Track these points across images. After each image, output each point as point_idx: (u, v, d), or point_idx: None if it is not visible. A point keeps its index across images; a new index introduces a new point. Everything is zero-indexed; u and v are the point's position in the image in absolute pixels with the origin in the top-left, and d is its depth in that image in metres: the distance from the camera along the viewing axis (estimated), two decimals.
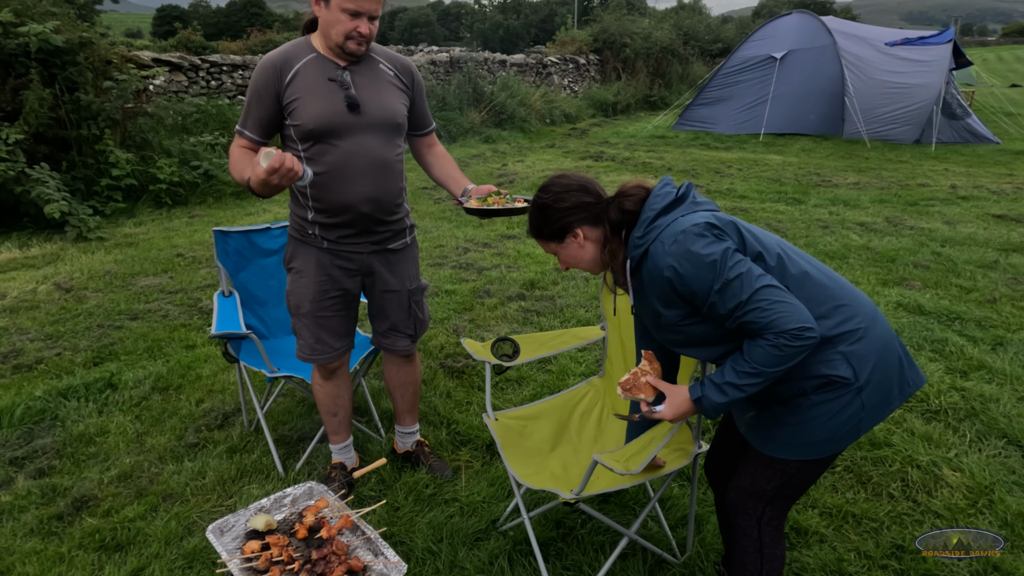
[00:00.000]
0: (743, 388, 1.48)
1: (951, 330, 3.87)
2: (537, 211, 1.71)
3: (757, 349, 1.45)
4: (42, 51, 5.97)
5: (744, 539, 1.73)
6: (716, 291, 1.45)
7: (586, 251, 1.69)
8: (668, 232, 1.51)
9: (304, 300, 2.32)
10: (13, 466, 2.73)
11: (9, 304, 4.41)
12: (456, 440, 2.90)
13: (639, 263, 1.59)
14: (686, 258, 1.47)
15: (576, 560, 2.20)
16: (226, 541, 1.77)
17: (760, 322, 1.43)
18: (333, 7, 2.04)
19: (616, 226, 1.63)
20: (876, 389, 1.54)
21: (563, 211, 1.65)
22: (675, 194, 1.59)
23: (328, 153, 2.16)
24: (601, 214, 1.65)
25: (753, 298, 1.43)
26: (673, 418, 1.63)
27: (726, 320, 1.49)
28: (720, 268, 1.44)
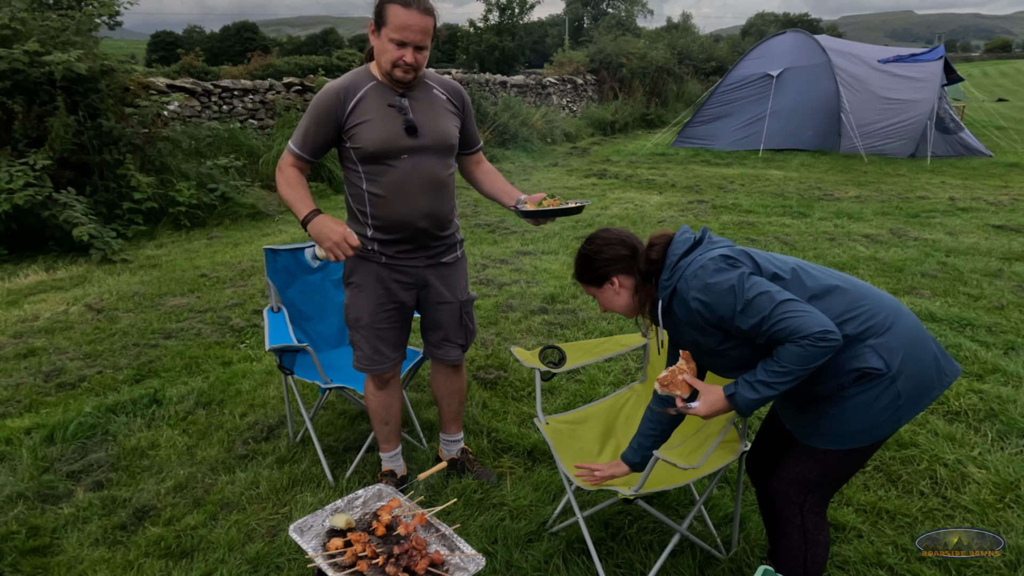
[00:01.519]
0: (773, 386, 1.61)
1: (963, 336, 4.01)
2: (581, 260, 1.93)
3: (787, 352, 1.58)
4: (65, 79, 6.12)
5: (788, 526, 1.84)
6: (740, 312, 1.61)
7: (621, 297, 1.89)
8: (690, 270, 1.72)
9: (364, 313, 2.44)
10: (71, 479, 2.82)
11: (43, 325, 4.51)
12: (497, 448, 3.01)
13: (669, 302, 1.78)
14: (708, 289, 1.66)
15: (627, 558, 2.30)
16: (307, 539, 1.87)
17: (785, 330, 1.57)
18: (383, 37, 2.18)
19: (646, 275, 1.84)
20: (911, 378, 1.66)
21: (602, 262, 1.87)
22: (693, 239, 1.80)
23: (387, 174, 2.29)
24: (634, 265, 1.85)
25: (775, 312, 1.58)
26: (707, 414, 1.74)
27: (756, 337, 1.63)
28: (739, 291, 1.62)
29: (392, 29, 2.13)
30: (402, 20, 2.11)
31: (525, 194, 2.45)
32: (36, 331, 4.41)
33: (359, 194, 2.35)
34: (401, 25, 2.12)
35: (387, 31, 2.15)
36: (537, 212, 2.28)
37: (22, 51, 5.90)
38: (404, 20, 2.11)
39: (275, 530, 2.49)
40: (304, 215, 2.21)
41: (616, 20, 42.60)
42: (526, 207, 2.31)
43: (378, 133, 2.24)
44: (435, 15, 2.18)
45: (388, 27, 2.14)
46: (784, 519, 1.84)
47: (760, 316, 1.59)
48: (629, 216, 7.50)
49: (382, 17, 2.15)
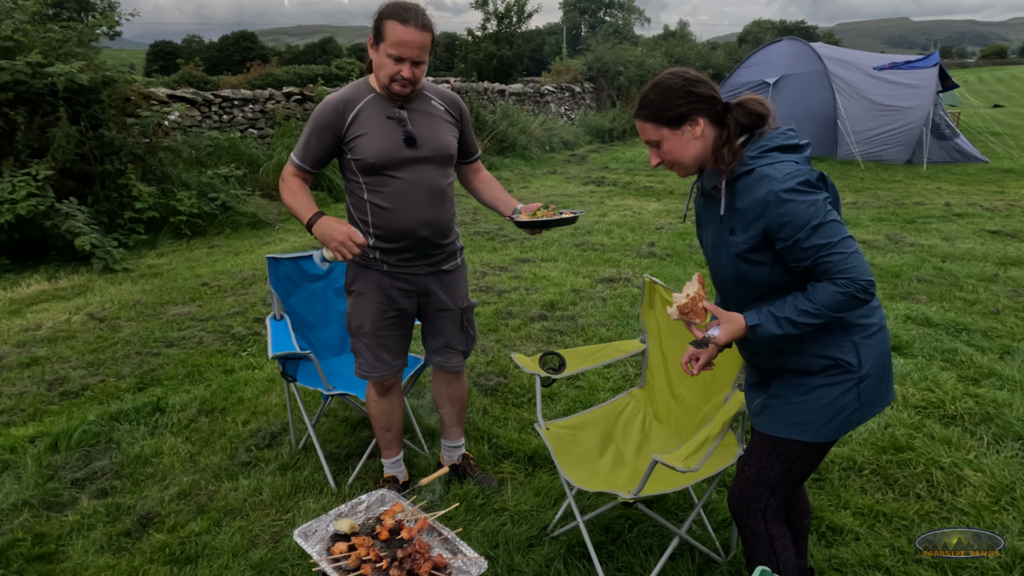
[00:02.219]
0: (799, 326, 1.57)
1: (959, 340, 4.05)
2: (666, 91, 1.65)
3: (824, 292, 1.54)
4: (68, 90, 6.17)
5: (753, 537, 1.80)
6: (813, 226, 1.52)
7: (696, 145, 1.66)
8: (783, 167, 1.57)
9: (365, 320, 2.47)
10: (75, 487, 2.84)
11: (46, 334, 4.53)
12: (498, 453, 3.03)
13: (737, 178, 1.63)
14: (795, 193, 1.54)
15: (627, 562, 2.33)
16: (312, 544, 1.90)
17: (839, 266, 1.53)
18: (381, 52, 2.22)
19: (743, 129, 1.64)
20: (871, 386, 1.67)
21: (694, 97, 1.63)
22: (797, 142, 1.65)
23: (388, 184, 2.33)
24: (722, 113, 1.65)
25: (840, 244, 1.53)
26: (725, 341, 1.67)
27: (805, 259, 1.55)
28: (820, 209, 1.54)
29: (390, 45, 2.17)
30: (400, 36, 2.15)
31: (522, 203, 2.48)
32: (39, 340, 4.44)
33: (360, 204, 2.38)
34: (398, 41, 2.15)
35: (385, 46, 2.19)
36: (532, 223, 2.32)
37: (25, 62, 5.96)
38: (402, 36, 2.15)
39: (278, 536, 2.51)
40: (308, 218, 2.25)
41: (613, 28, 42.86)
42: (521, 217, 2.35)
43: (377, 145, 2.28)
44: (433, 30, 2.22)
45: (386, 42, 2.18)
46: (749, 530, 1.80)
47: (826, 240, 1.53)
48: (628, 223, 7.55)
49: (380, 32, 2.19)
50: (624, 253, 6.30)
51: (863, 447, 2.95)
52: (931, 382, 3.51)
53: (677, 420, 2.49)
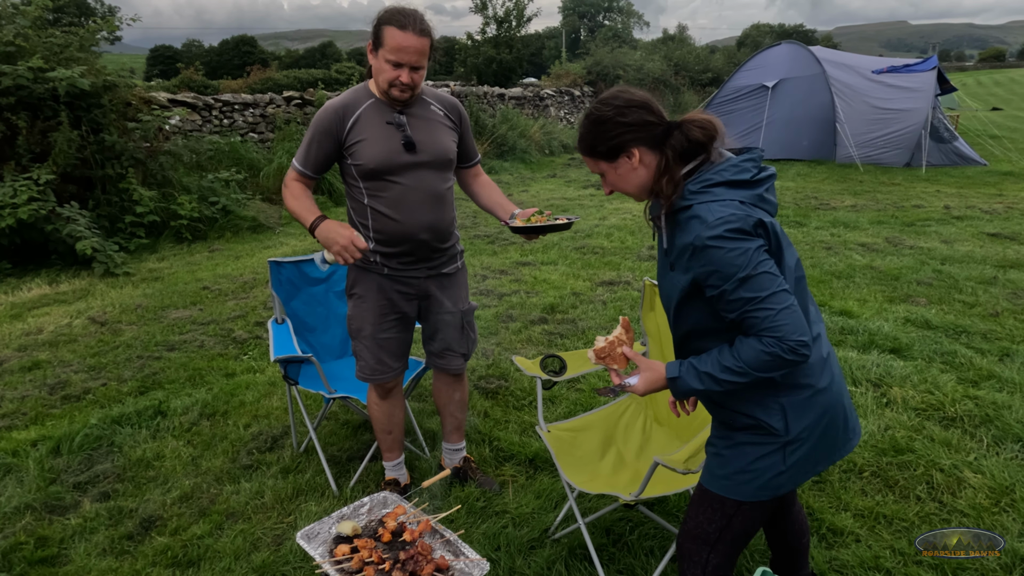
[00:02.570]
0: (720, 383, 1.47)
1: (959, 343, 4.06)
2: (593, 125, 1.57)
3: (749, 349, 1.42)
4: (69, 94, 6.20)
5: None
6: (740, 279, 1.40)
7: (638, 175, 1.56)
8: (716, 208, 1.43)
9: (366, 323, 2.48)
10: (77, 490, 2.85)
11: (47, 338, 4.54)
12: (499, 456, 3.04)
13: (676, 213, 1.51)
14: (722, 241, 1.40)
15: (628, 564, 2.33)
16: (314, 546, 1.90)
17: (765, 323, 1.40)
18: (380, 57, 2.23)
19: (683, 155, 1.51)
20: (803, 451, 1.54)
21: (623, 126, 1.53)
22: (750, 176, 1.48)
23: (388, 189, 2.34)
24: (661, 138, 1.53)
25: (769, 299, 1.40)
26: (644, 392, 1.59)
27: (732, 311, 1.44)
28: (750, 261, 1.40)
29: (388, 50, 2.18)
30: (398, 42, 2.16)
31: (519, 208, 2.49)
32: (40, 344, 4.45)
33: (361, 208, 2.40)
34: (397, 47, 2.17)
35: (384, 52, 2.20)
36: (527, 228, 2.31)
37: (26, 67, 5.98)
38: (400, 42, 2.16)
39: (280, 539, 2.52)
40: (311, 222, 2.26)
41: (612, 32, 42.98)
42: (516, 223, 2.35)
43: (377, 150, 2.29)
44: (431, 35, 2.23)
45: (385, 48, 2.19)
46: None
47: (754, 294, 1.40)
48: (627, 226, 7.57)
49: (379, 38, 2.20)
50: (624, 256, 6.32)
51: (863, 449, 2.96)
52: (931, 384, 3.52)
53: (678, 422, 2.50)
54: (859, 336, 4.18)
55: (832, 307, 4.74)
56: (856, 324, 4.36)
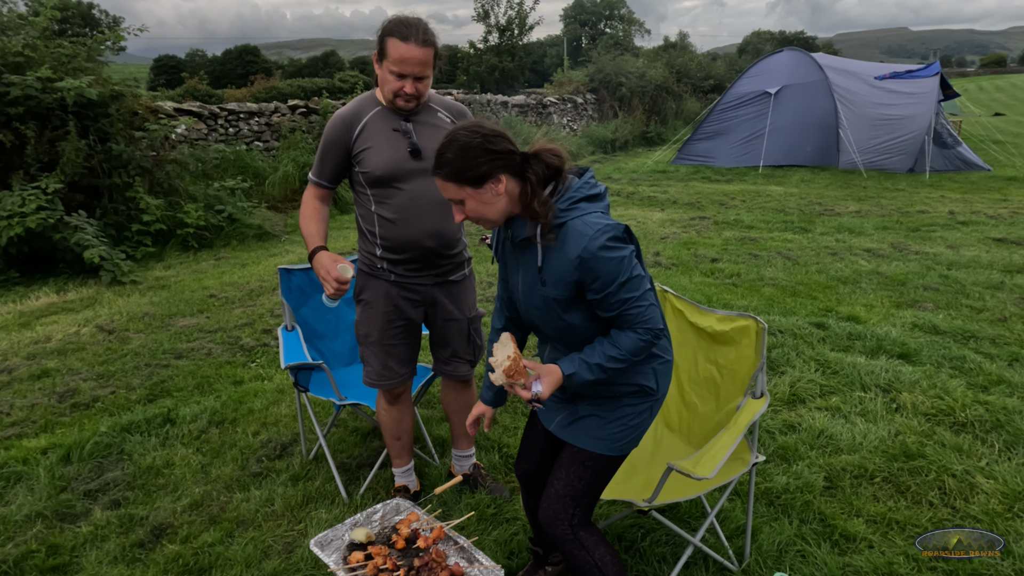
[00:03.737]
0: (607, 371, 1.69)
1: (967, 348, 4.05)
2: (463, 151, 1.61)
3: (628, 340, 1.67)
4: (77, 104, 6.24)
5: (568, 545, 1.83)
6: (621, 282, 1.61)
7: (500, 201, 1.66)
8: (592, 221, 1.62)
9: (373, 329, 2.49)
10: (88, 498, 2.85)
11: (56, 346, 4.56)
12: (508, 463, 3.03)
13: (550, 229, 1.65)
14: (606, 250, 1.59)
15: (641, 571, 2.32)
16: (328, 554, 1.90)
17: (640, 318, 1.66)
18: (384, 68, 2.25)
19: (544, 180, 1.65)
20: (660, 404, 1.89)
21: (492, 154, 1.62)
22: (599, 191, 1.72)
23: (395, 196, 2.36)
24: (521, 167, 1.65)
25: (642, 297, 1.65)
26: (550, 393, 1.69)
27: (612, 311, 1.66)
28: (628, 265, 1.62)
29: (392, 62, 2.20)
30: (401, 53, 2.18)
31: None
32: (49, 352, 4.46)
33: (368, 215, 2.41)
34: (399, 58, 2.18)
35: (387, 63, 2.22)
36: None
37: (35, 77, 6.02)
38: (403, 53, 2.18)
39: (291, 547, 2.52)
40: (309, 252, 2.37)
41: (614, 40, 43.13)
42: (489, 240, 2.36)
43: (384, 157, 2.31)
44: (435, 45, 2.24)
45: (388, 59, 2.21)
46: (561, 540, 1.83)
47: (631, 294, 1.63)
48: (633, 233, 7.56)
49: (383, 49, 2.22)
50: None
51: (874, 455, 2.95)
52: (940, 389, 3.51)
53: (689, 428, 2.50)
54: (867, 341, 4.17)
55: (839, 312, 4.73)
56: (864, 329, 4.35)
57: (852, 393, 3.53)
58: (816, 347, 4.14)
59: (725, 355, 2.35)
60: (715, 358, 2.39)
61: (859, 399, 3.47)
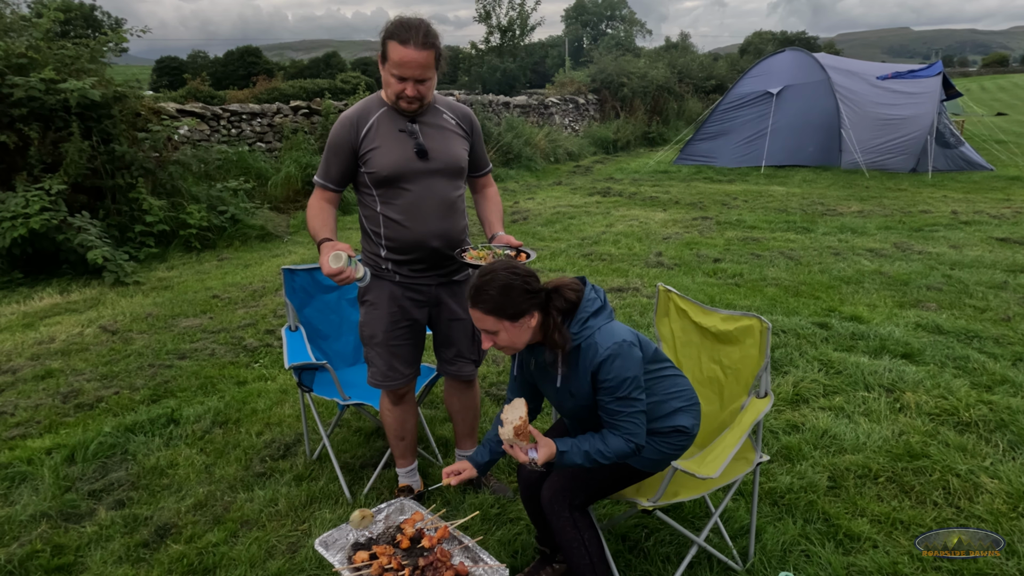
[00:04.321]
0: (593, 461, 1.89)
1: (971, 348, 4.04)
2: (505, 290, 1.82)
3: (615, 442, 1.88)
4: (80, 105, 6.25)
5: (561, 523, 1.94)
6: (618, 397, 1.86)
7: (528, 332, 1.90)
8: (605, 334, 1.87)
9: (378, 330, 2.49)
10: (92, 498, 2.85)
11: (59, 347, 4.56)
12: (512, 463, 3.03)
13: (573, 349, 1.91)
14: (613, 366, 1.85)
15: (645, 570, 2.32)
16: (332, 553, 1.90)
17: (628, 429, 1.88)
18: (386, 71, 2.26)
19: (564, 313, 1.90)
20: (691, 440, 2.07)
21: (528, 294, 1.85)
22: (601, 302, 1.95)
23: (401, 196, 2.36)
24: (545, 302, 1.89)
25: (634, 414, 1.88)
26: (543, 462, 1.87)
27: (606, 414, 1.90)
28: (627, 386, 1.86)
29: (393, 65, 2.21)
30: (400, 56, 2.18)
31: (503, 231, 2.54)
32: (53, 353, 4.47)
33: (373, 216, 2.42)
34: (400, 61, 2.19)
35: (389, 66, 2.23)
36: (473, 265, 2.25)
37: (38, 79, 6.04)
38: (402, 56, 2.18)
39: (295, 547, 2.52)
40: (318, 240, 2.33)
41: (615, 41, 43.15)
42: (465, 258, 2.31)
43: (390, 158, 2.31)
44: (436, 46, 2.22)
45: (389, 63, 2.22)
46: (557, 516, 1.95)
47: (624, 409, 1.87)
48: (634, 233, 7.57)
49: (384, 52, 2.23)
50: (632, 263, 6.32)
51: (878, 454, 2.95)
52: (944, 389, 3.50)
53: None
54: (870, 341, 4.17)
55: (842, 312, 4.73)
56: (867, 329, 4.35)
57: (855, 393, 3.53)
58: (819, 347, 4.13)
59: (729, 355, 2.35)
60: (719, 358, 2.39)
61: (862, 399, 3.46)
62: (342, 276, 2.17)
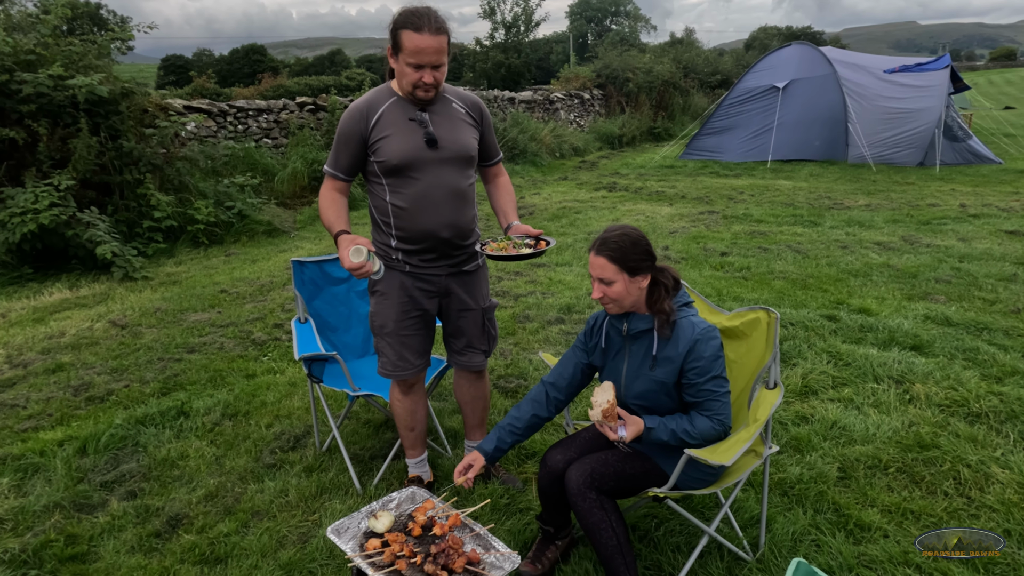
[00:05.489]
0: (678, 440, 1.98)
1: (980, 339, 4.02)
2: (633, 243, 1.98)
3: (703, 424, 1.97)
4: (88, 101, 6.27)
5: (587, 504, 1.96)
6: (711, 376, 1.97)
7: (638, 293, 2.03)
8: (697, 321, 2.03)
9: (388, 320, 2.50)
10: (104, 489, 2.87)
11: (69, 341, 4.59)
12: (521, 454, 3.04)
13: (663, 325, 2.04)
14: (710, 346, 1.98)
15: (656, 560, 2.33)
16: (345, 541, 1.91)
17: (718, 410, 1.99)
18: (400, 61, 2.26)
19: (670, 288, 2.05)
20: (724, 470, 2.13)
21: (648, 255, 2.01)
22: (690, 300, 2.12)
23: (409, 185, 2.36)
24: (658, 273, 2.05)
25: (724, 394, 1.99)
26: (631, 439, 1.97)
27: (697, 396, 1.99)
28: (719, 365, 2.00)
29: (408, 54, 2.20)
30: (416, 44, 2.18)
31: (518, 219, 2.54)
32: (63, 347, 4.50)
33: (383, 206, 2.42)
34: (416, 49, 2.19)
35: (404, 56, 2.22)
36: (494, 256, 2.29)
37: (47, 75, 6.06)
38: (418, 44, 2.18)
39: (306, 537, 2.53)
40: (334, 236, 2.33)
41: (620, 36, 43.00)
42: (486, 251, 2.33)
43: (400, 146, 2.31)
44: (448, 31, 2.25)
45: (404, 52, 2.21)
46: (583, 498, 1.97)
47: (715, 389, 1.98)
48: (641, 227, 7.52)
49: (397, 42, 2.22)
50: None
51: (888, 445, 2.94)
52: (954, 380, 3.49)
53: None
54: (879, 333, 4.15)
55: (850, 305, 4.71)
56: (875, 322, 4.33)
57: (865, 384, 3.52)
58: (828, 339, 4.12)
59: (735, 349, 2.35)
60: (725, 352, 2.38)
61: (872, 390, 3.45)
62: (362, 270, 2.18)
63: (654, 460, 2.08)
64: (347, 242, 2.21)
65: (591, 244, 2.05)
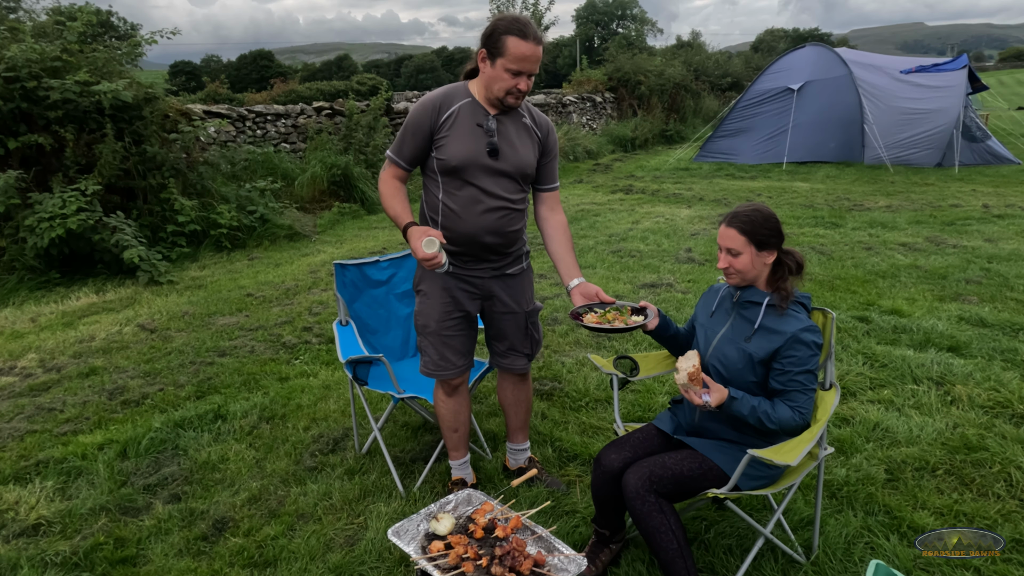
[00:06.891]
0: (756, 419, 1.99)
1: (1018, 340, 3.98)
2: (765, 219, 2.04)
3: (784, 412, 1.99)
4: (112, 107, 6.32)
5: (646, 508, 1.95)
6: (804, 370, 1.99)
7: (762, 269, 2.08)
8: (805, 318, 2.06)
9: (431, 320, 2.50)
10: (148, 492, 2.88)
11: (100, 345, 4.61)
12: (562, 456, 3.03)
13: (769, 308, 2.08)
14: (812, 342, 2.01)
15: (709, 562, 2.31)
16: (406, 542, 1.91)
17: (803, 403, 2.01)
18: (498, 67, 2.24)
19: (793, 270, 2.09)
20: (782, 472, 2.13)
21: (779, 233, 2.07)
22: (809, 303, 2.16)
23: (463, 188, 2.36)
24: (783, 256, 2.10)
25: (811, 389, 2.02)
26: (715, 406, 1.98)
27: (785, 385, 2.00)
28: (814, 362, 2.02)
29: (511, 60, 2.20)
30: (521, 51, 2.19)
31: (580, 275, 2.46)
32: (94, 351, 4.52)
33: (434, 202, 2.41)
34: (520, 56, 2.19)
35: (504, 61, 2.21)
36: (599, 329, 2.19)
37: (73, 81, 6.11)
38: (523, 51, 2.19)
39: (353, 539, 2.52)
40: (401, 228, 2.33)
41: (627, 40, 42.98)
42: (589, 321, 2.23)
43: (462, 148, 2.31)
44: (543, 41, 2.28)
45: (506, 57, 2.20)
46: (642, 502, 1.96)
47: (805, 383, 2.00)
48: (662, 230, 7.54)
49: (499, 48, 2.21)
50: (662, 259, 6.29)
51: (934, 447, 2.91)
52: (995, 382, 3.45)
53: None
54: (914, 335, 4.12)
55: (881, 306, 4.68)
56: (908, 323, 4.30)
57: (904, 386, 3.49)
58: (861, 340, 4.09)
59: None
60: None
61: (911, 392, 3.42)
62: (433, 261, 2.19)
63: (712, 460, 2.06)
64: (419, 233, 2.22)
65: (722, 217, 2.11)
